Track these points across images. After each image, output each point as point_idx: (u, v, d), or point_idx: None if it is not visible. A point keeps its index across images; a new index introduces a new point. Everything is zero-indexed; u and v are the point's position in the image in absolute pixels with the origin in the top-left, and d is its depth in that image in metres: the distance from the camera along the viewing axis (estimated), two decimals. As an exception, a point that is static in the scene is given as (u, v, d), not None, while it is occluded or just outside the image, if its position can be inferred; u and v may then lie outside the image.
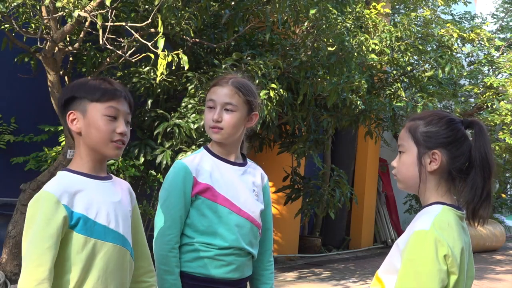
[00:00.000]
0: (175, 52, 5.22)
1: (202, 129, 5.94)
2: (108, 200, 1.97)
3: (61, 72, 6.12)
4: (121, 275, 1.98)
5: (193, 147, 6.18)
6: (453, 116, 1.96)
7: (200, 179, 2.35)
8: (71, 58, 6.51)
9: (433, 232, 1.79)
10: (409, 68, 9.34)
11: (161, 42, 5.16)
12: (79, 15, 5.02)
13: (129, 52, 5.64)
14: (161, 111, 6.37)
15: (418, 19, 9.89)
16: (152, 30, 5.75)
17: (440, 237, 1.79)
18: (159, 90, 6.47)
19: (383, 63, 8.95)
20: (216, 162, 2.40)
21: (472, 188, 1.87)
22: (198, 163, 2.38)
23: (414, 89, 9.76)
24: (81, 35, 5.88)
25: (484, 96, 11.50)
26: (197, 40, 6.39)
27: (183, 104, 6.26)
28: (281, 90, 6.18)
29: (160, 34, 5.19)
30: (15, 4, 5.17)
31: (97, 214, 1.92)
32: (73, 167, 1.97)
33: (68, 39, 6.17)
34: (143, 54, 5.52)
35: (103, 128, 1.95)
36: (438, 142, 1.90)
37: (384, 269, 1.96)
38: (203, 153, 2.43)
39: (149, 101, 6.59)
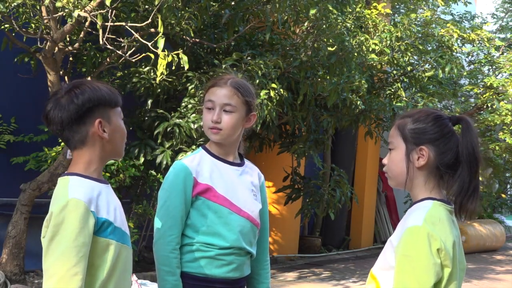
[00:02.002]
0: (175, 52, 5.22)
1: (202, 129, 5.94)
2: (116, 203, 2.01)
3: (61, 72, 6.12)
4: (130, 276, 2.03)
5: (193, 147, 6.18)
6: (440, 113, 2.00)
7: (200, 180, 2.35)
8: (71, 58, 6.51)
9: (426, 227, 1.84)
10: (409, 68, 9.34)
11: (161, 42, 5.16)
12: (79, 15, 5.02)
13: (129, 52, 5.65)
14: (161, 111, 6.37)
15: (418, 20, 9.89)
16: (152, 30, 5.75)
17: (432, 232, 1.83)
18: (159, 90, 6.47)
19: (383, 63, 8.95)
20: (215, 162, 2.40)
21: (459, 183, 1.92)
22: (198, 163, 2.38)
23: (414, 89, 9.76)
24: (81, 35, 5.89)
25: (484, 96, 11.49)
26: (197, 40, 6.39)
27: (183, 104, 6.27)
28: (281, 90, 6.18)
29: (160, 34, 5.19)
30: (15, 4, 5.17)
31: (115, 218, 1.95)
32: (81, 171, 1.95)
33: (68, 39, 6.17)
34: (143, 54, 5.52)
35: (124, 131, 2.03)
36: (425, 138, 1.95)
37: (378, 266, 2.00)
38: (202, 153, 2.43)
39: (149, 101, 6.59)
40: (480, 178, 1.98)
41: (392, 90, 9.08)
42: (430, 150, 1.93)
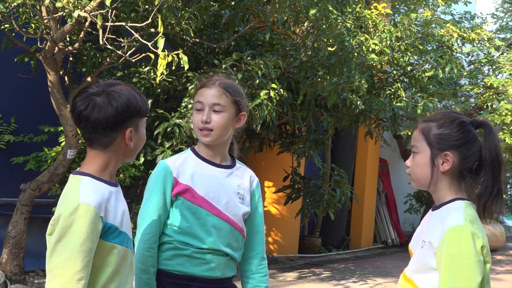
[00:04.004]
0: (175, 52, 5.22)
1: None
2: (124, 208, 2.01)
3: (61, 72, 6.12)
4: (132, 279, 2.04)
5: (193, 147, 6.17)
6: (464, 118, 2.04)
7: (181, 180, 2.35)
8: (71, 58, 6.51)
9: (468, 226, 1.89)
10: (409, 68, 9.34)
11: (161, 42, 5.16)
12: (79, 15, 5.02)
13: (129, 52, 5.65)
14: (161, 111, 6.37)
15: (418, 20, 9.89)
16: (152, 30, 5.75)
17: (475, 231, 1.89)
18: (159, 90, 6.47)
19: (383, 63, 8.95)
20: (200, 164, 2.40)
21: (483, 186, 1.97)
22: (181, 163, 2.39)
23: (414, 89, 9.76)
24: (81, 35, 5.88)
25: (484, 96, 11.49)
26: (197, 40, 6.39)
27: (183, 104, 6.26)
28: (281, 90, 6.18)
29: (160, 34, 5.19)
30: (15, 4, 5.17)
31: (121, 223, 1.96)
32: (94, 172, 1.94)
33: (68, 39, 6.17)
34: (143, 54, 5.52)
35: (144, 138, 2.04)
36: (450, 144, 1.99)
37: (414, 268, 2.01)
38: (188, 154, 2.44)
39: (149, 101, 6.59)
40: None
41: (392, 90, 9.07)
42: (454, 155, 1.98)
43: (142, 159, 6.38)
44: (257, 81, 5.99)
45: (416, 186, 2.07)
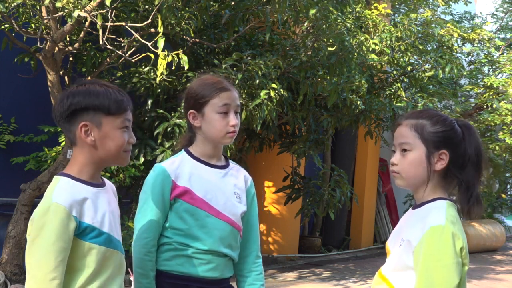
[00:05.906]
0: (175, 52, 5.23)
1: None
2: (108, 208, 2.01)
3: (61, 72, 6.13)
4: (120, 280, 2.03)
5: (193, 147, 6.17)
6: (453, 118, 2.04)
7: (179, 183, 2.35)
8: (71, 58, 6.52)
9: (449, 226, 1.86)
10: (409, 68, 9.34)
11: (161, 42, 5.16)
12: (79, 15, 5.02)
13: (129, 52, 5.65)
14: (161, 111, 6.37)
15: (418, 20, 9.89)
16: (152, 30, 5.75)
17: (455, 231, 1.86)
18: (159, 90, 6.47)
19: (383, 63, 8.95)
20: (196, 165, 2.40)
21: (465, 184, 1.95)
22: (178, 166, 2.38)
23: (414, 89, 9.75)
24: (81, 35, 5.89)
25: (484, 96, 11.49)
26: (197, 40, 6.39)
27: (183, 104, 6.26)
28: (281, 90, 6.18)
29: (160, 34, 5.19)
30: (15, 4, 5.17)
31: (102, 223, 1.96)
32: (73, 173, 1.96)
33: (68, 39, 6.18)
34: (143, 54, 5.52)
35: (120, 140, 2.00)
36: (445, 143, 1.96)
37: (391, 267, 1.98)
38: (183, 156, 2.43)
39: (149, 101, 6.59)
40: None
41: (392, 90, 9.07)
42: (449, 154, 1.96)
43: (142, 159, 6.39)
44: (257, 81, 5.99)
45: (404, 185, 2.01)
